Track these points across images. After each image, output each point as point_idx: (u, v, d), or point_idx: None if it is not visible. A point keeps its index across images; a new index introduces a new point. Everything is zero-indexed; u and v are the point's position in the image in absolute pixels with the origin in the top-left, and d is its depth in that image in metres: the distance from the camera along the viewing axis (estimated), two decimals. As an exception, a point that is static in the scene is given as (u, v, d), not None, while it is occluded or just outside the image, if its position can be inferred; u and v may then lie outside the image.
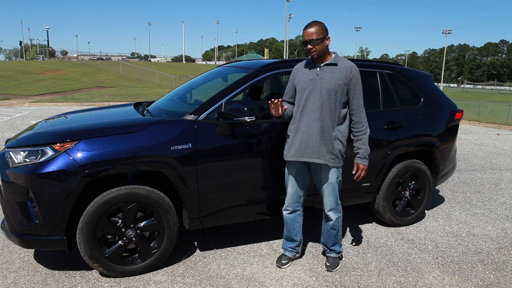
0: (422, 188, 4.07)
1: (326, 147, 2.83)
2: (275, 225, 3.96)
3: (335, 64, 2.84)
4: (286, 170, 3.07)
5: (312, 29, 2.78)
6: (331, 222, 3.07)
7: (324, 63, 2.86)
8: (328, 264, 3.15)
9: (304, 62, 3.01)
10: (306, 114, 2.86)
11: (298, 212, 3.13)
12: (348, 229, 3.97)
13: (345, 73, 2.81)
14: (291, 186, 3.05)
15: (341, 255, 3.28)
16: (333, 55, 2.90)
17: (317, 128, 2.82)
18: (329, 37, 2.83)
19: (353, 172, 2.94)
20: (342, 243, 3.26)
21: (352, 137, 2.95)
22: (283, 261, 3.18)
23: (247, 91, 3.52)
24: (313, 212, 3.53)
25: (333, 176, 2.93)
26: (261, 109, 3.47)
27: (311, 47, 2.80)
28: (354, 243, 3.65)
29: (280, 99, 2.88)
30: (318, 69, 2.86)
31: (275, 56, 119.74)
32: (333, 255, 3.19)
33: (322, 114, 2.81)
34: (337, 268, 3.14)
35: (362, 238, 3.77)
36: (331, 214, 3.04)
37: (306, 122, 2.85)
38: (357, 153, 2.92)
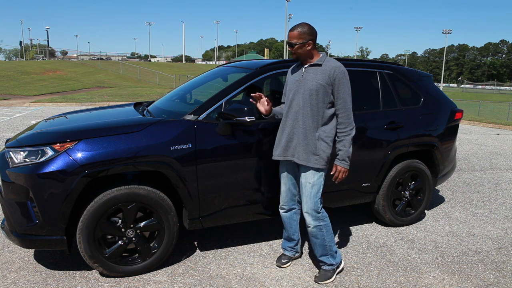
0: (422, 188, 4.07)
1: (308, 148, 2.78)
2: (275, 225, 3.96)
3: (319, 65, 2.81)
4: (279, 169, 3.08)
5: (293, 32, 2.77)
6: (309, 229, 2.90)
7: (309, 64, 2.85)
8: (317, 275, 2.99)
9: (296, 63, 3.00)
10: (291, 115, 2.85)
11: (294, 210, 3.11)
12: (348, 229, 3.97)
13: (328, 73, 2.76)
14: (284, 185, 3.05)
15: (335, 267, 3.02)
16: (321, 55, 2.86)
17: (299, 128, 2.80)
18: (311, 42, 2.78)
19: (331, 173, 2.84)
20: (337, 253, 3.03)
21: (336, 137, 2.86)
22: (283, 261, 3.18)
23: (247, 91, 3.53)
24: None
25: (312, 177, 2.83)
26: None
27: (290, 49, 2.82)
28: (354, 243, 3.65)
29: (262, 95, 2.89)
30: (303, 69, 2.86)
31: (275, 56, 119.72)
32: (324, 267, 3.00)
33: (304, 114, 2.79)
34: (325, 281, 2.94)
35: (362, 238, 3.77)
36: (307, 218, 2.88)
37: (290, 123, 2.85)
38: (337, 154, 2.83)
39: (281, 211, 3.14)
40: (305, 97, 2.79)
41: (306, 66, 2.86)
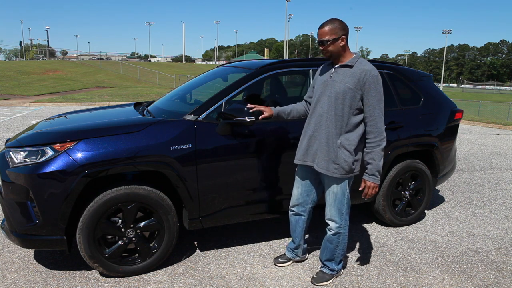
0: (422, 188, 4.07)
1: (329, 155, 2.64)
2: (275, 225, 3.96)
3: (350, 66, 2.62)
4: (296, 170, 2.99)
5: (323, 29, 2.58)
6: (329, 233, 2.86)
7: (339, 64, 2.67)
8: (315, 276, 2.95)
9: (327, 62, 2.85)
10: (314, 118, 2.73)
11: (302, 218, 3.03)
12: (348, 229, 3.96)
13: (357, 76, 2.57)
14: (296, 188, 2.96)
15: (335, 273, 2.98)
16: (353, 55, 2.67)
17: (322, 133, 2.66)
18: (344, 37, 2.59)
19: (360, 189, 2.72)
20: (341, 262, 3.00)
21: (364, 149, 2.70)
22: (279, 259, 3.17)
23: (247, 91, 3.53)
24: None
25: (334, 186, 2.74)
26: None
27: (322, 48, 2.63)
28: (354, 243, 3.65)
29: (254, 106, 2.87)
30: (333, 70, 2.69)
31: (275, 56, 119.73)
32: (325, 270, 2.96)
33: (327, 118, 2.63)
34: (322, 283, 2.90)
35: (362, 238, 3.77)
36: (330, 224, 2.84)
37: (313, 126, 2.73)
38: (366, 168, 2.65)
39: (290, 212, 3.08)
40: (330, 100, 2.63)
41: (336, 66, 2.68)
